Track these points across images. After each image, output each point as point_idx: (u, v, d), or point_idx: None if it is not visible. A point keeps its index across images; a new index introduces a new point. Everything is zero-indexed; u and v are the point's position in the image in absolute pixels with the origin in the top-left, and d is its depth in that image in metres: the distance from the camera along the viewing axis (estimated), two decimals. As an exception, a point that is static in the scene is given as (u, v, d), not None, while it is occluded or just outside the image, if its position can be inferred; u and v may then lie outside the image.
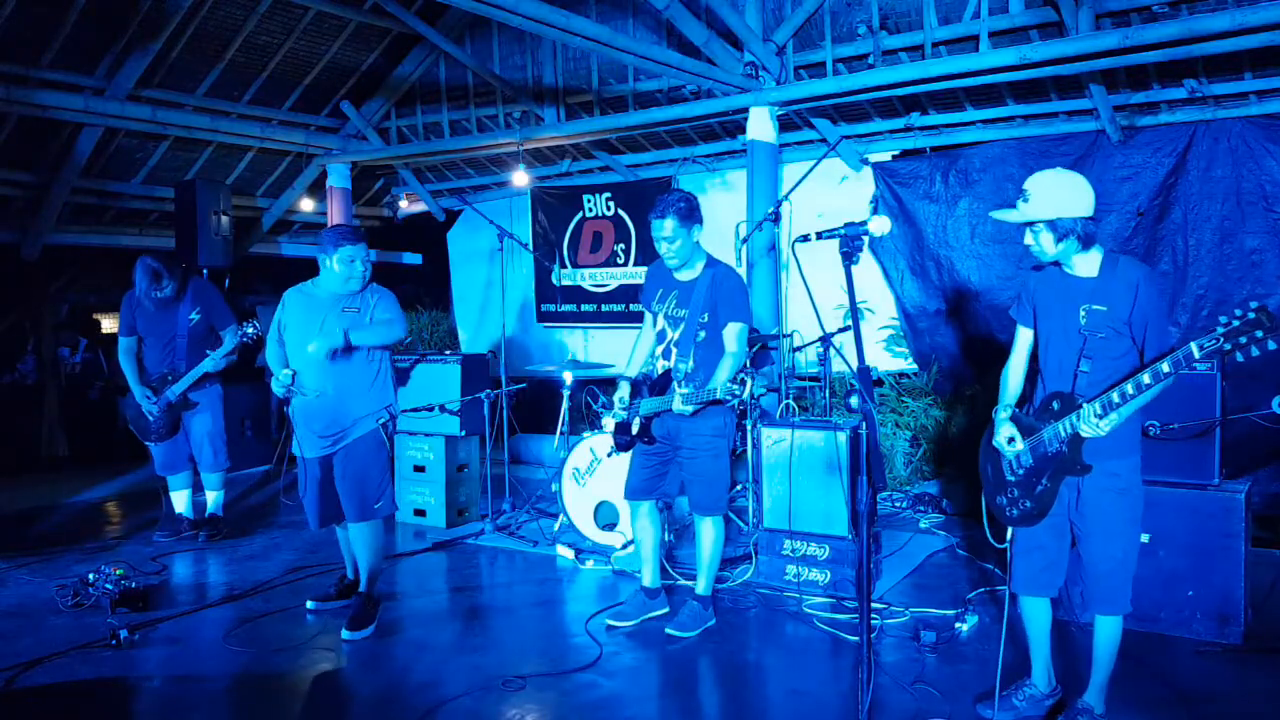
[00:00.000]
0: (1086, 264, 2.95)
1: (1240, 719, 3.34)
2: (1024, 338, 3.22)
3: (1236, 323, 2.54)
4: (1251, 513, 3.93)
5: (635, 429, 4.17)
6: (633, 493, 4.32)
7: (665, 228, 3.97)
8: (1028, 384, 3.23)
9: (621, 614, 4.32)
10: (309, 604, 4.54)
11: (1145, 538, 3.98)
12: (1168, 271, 6.29)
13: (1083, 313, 2.94)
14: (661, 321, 4.22)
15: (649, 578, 4.40)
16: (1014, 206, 2.94)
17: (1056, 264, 3.01)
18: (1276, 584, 4.56)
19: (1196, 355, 2.60)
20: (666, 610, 4.35)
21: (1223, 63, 5.78)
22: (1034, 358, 3.21)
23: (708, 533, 4.22)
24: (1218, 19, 4.96)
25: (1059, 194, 2.87)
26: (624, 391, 4.23)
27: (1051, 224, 2.87)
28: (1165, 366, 2.68)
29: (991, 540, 3.21)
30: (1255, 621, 3.96)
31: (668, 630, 4.13)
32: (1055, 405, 2.98)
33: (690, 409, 3.87)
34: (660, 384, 4.15)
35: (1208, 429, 3.88)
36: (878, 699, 3.36)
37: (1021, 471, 3.08)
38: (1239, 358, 2.57)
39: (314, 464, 4.27)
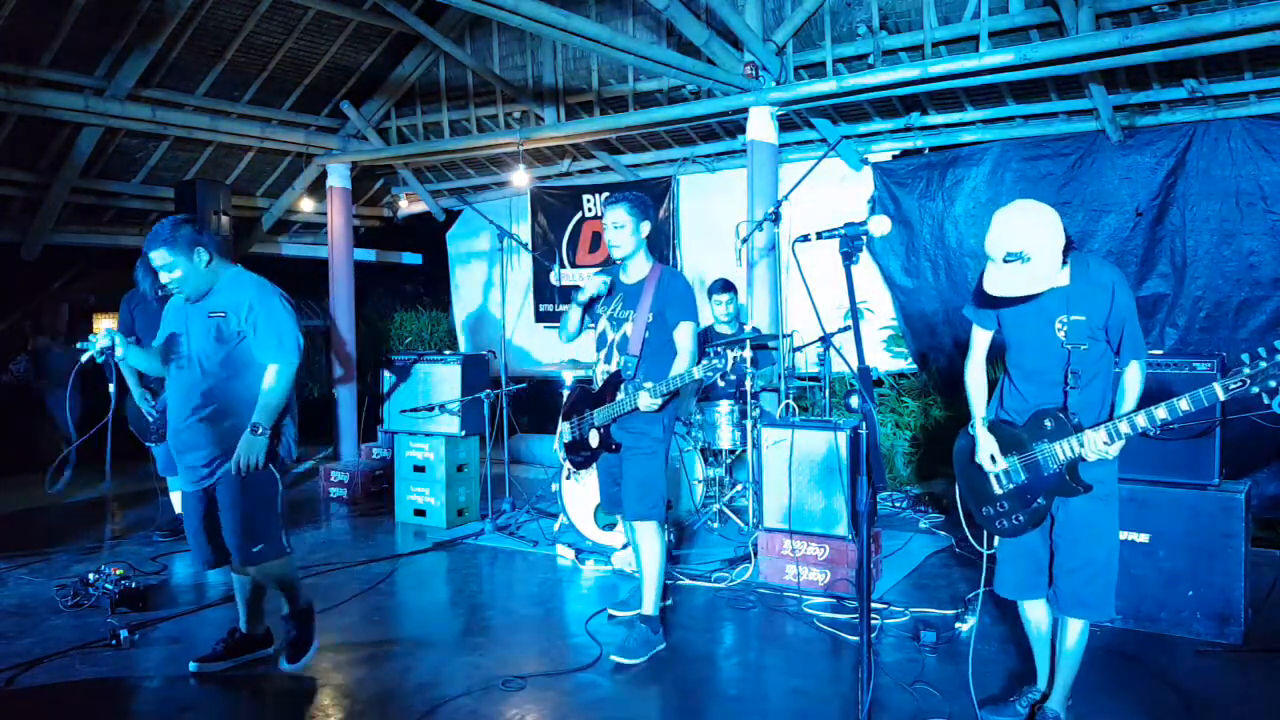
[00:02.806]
0: (1059, 272, 2.89)
1: None
2: (984, 341, 3.18)
3: (1264, 364, 2.56)
4: (1251, 513, 3.94)
5: (595, 441, 4.05)
6: (611, 505, 4.21)
7: (616, 212, 3.98)
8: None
9: (623, 604, 4.41)
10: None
11: (1145, 538, 4.00)
12: (1166, 274, 6.28)
13: (1060, 325, 2.90)
14: (604, 324, 4.12)
15: None
16: (1011, 275, 2.78)
17: None
18: (1276, 584, 4.56)
19: (1222, 397, 2.63)
20: (669, 603, 4.39)
21: (1223, 63, 5.77)
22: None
23: (646, 542, 3.98)
24: (1218, 19, 4.96)
25: (1048, 235, 2.77)
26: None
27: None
28: (1185, 404, 2.68)
29: (977, 546, 3.20)
30: (1255, 621, 3.96)
31: (612, 657, 3.84)
32: (1048, 424, 2.95)
33: (659, 401, 3.76)
34: (608, 389, 4.02)
35: (1208, 429, 3.88)
36: (878, 699, 3.36)
37: (1012, 487, 3.06)
38: (1265, 400, 2.58)
39: (190, 497, 3.63)
